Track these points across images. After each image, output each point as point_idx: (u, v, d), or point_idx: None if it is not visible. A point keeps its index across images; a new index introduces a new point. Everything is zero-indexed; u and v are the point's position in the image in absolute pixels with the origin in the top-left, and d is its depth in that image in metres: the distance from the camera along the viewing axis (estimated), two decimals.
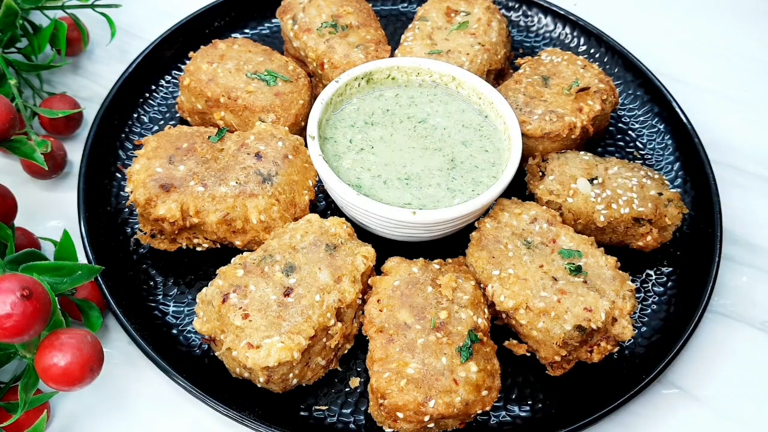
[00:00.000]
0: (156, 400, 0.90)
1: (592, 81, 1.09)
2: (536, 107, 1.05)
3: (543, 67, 1.11)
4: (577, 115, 1.04)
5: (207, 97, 1.06)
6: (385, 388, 0.82)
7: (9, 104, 0.93)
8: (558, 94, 1.07)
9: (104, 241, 0.99)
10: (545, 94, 1.07)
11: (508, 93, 1.07)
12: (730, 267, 1.07)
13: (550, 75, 1.10)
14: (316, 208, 1.07)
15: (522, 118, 1.03)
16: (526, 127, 1.03)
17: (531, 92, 1.07)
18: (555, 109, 1.05)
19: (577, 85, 1.05)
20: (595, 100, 1.05)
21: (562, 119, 1.04)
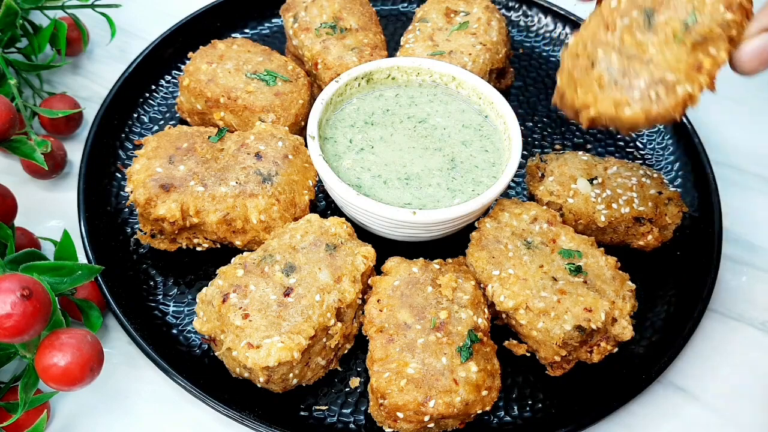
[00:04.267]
0: (156, 400, 0.90)
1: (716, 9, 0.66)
2: (638, 74, 0.67)
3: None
4: (695, 78, 0.66)
5: (207, 98, 1.06)
6: (385, 388, 0.82)
7: (9, 104, 0.93)
8: (666, 40, 0.68)
9: (104, 241, 0.99)
10: (648, 45, 0.68)
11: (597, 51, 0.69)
12: (730, 267, 1.07)
13: (655, 5, 0.69)
14: (316, 208, 1.07)
15: (617, 97, 0.67)
16: (625, 111, 0.67)
17: (629, 46, 0.68)
18: (664, 74, 0.66)
19: (695, 22, 0.65)
20: (719, 44, 0.65)
21: (674, 91, 0.66)
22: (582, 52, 0.66)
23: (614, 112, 0.65)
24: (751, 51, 0.61)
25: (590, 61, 0.65)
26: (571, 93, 0.65)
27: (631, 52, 0.65)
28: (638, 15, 0.67)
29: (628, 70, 0.64)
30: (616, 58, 0.66)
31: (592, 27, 0.67)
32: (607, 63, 0.66)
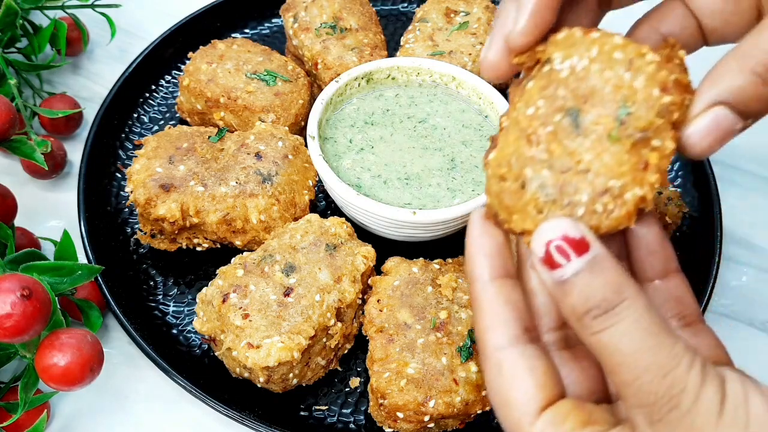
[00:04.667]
0: (156, 400, 0.90)
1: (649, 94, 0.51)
2: (577, 188, 0.52)
3: (562, 89, 0.53)
4: (643, 178, 0.52)
5: (207, 98, 1.06)
6: (385, 388, 0.82)
7: (9, 104, 0.93)
8: (601, 142, 0.52)
9: (104, 241, 0.99)
10: (582, 152, 0.53)
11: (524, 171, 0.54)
12: (730, 267, 1.07)
13: (579, 103, 0.53)
14: (316, 208, 1.07)
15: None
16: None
17: (560, 158, 0.53)
18: (607, 183, 0.52)
19: (628, 114, 0.51)
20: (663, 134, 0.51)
21: (622, 200, 0.52)
22: (508, 174, 0.53)
23: None
24: (701, 131, 0.51)
25: (519, 183, 0.53)
26: (506, 216, 0.54)
27: (563, 164, 0.52)
28: (562, 119, 0.52)
29: (565, 186, 0.52)
30: (548, 175, 0.52)
31: (512, 142, 0.54)
32: (539, 182, 0.53)
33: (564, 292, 0.49)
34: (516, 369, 0.52)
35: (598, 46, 0.52)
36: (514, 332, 0.53)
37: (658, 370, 0.47)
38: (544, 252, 0.49)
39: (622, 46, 0.52)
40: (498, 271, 0.54)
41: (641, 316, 0.48)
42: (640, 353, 0.47)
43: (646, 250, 0.58)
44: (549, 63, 0.53)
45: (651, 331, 0.47)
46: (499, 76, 0.57)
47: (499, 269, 0.55)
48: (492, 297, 0.54)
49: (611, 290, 0.48)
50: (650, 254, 0.58)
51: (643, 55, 0.52)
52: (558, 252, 0.49)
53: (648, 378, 0.47)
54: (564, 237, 0.49)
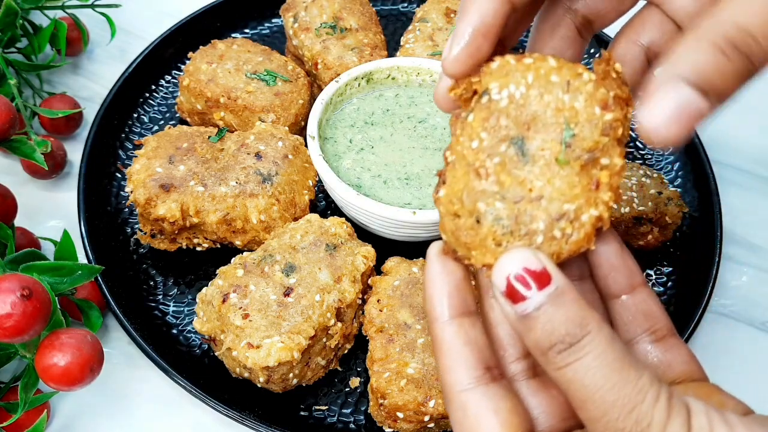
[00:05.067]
0: (156, 400, 0.90)
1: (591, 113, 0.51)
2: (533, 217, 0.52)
3: (503, 119, 0.52)
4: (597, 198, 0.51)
5: (207, 98, 1.06)
6: (385, 388, 0.82)
7: (9, 104, 0.93)
8: (549, 167, 0.52)
9: (104, 241, 0.99)
10: (532, 180, 0.52)
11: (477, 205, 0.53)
12: (730, 267, 1.07)
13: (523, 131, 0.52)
14: (316, 208, 1.07)
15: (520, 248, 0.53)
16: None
17: (511, 188, 0.52)
18: (562, 208, 0.52)
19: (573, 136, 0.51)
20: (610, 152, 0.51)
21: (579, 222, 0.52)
22: (461, 210, 0.53)
23: None
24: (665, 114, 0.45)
25: (474, 218, 0.52)
26: (465, 253, 0.53)
27: (515, 194, 0.52)
28: (508, 148, 0.52)
29: (520, 216, 0.52)
30: (502, 207, 0.52)
31: (461, 177, 0.53)
32: (494, 215, 0.52)
33: (527, 326, 0.48)
34: (480, 410, 0.51)
35: (534, 71, 0.52)
36: (476, 373, 0.52)
37: (624, 406, 0.46)
38: (506, 286, 0.49)
39: (557, 69, 0.52)
40: (457, 309, 0.53)
41: (605, 349, 0.47)
42: (606, 390, 0.46)
43: (608, 267, 0.57)
44: (487, 93, 0.53)
45: (615, 366, 0.47)
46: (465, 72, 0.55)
47: (458, 307, 0.53)
48: (452, 337, 0.53)
49: (574, 324, 0.47)
50: (613, 270, 0.57)
51: (580, 75, 0.51)
52: (519, 285, 0.48)
53: (614, 414, 0.46)
54: (525, 269, 0.48)
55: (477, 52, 0.53)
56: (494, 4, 0.53)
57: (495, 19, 0.53)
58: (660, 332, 0.57)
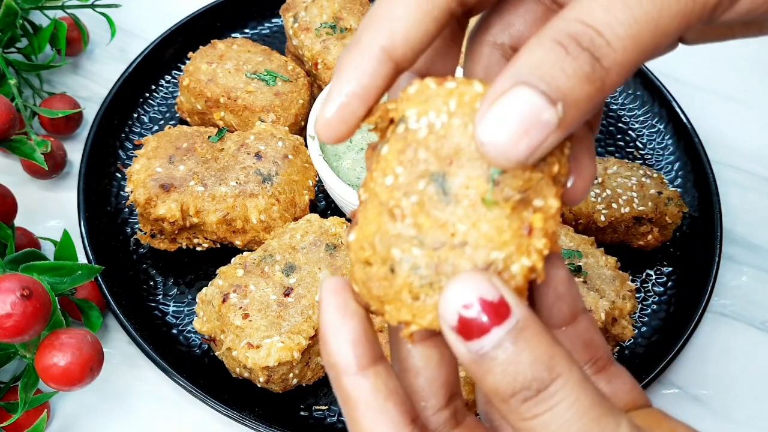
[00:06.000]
0: (156, 400, 0.90)
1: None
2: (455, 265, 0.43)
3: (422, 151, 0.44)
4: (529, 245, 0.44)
5: (207, 98, 1.06)
6: None
7: (9, 104, 0.93)
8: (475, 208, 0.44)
9: (104, 241, 0.99)
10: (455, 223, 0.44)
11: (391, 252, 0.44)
12: (730, 267, 1.07)
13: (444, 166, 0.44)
14: (316, 208, 1.07)
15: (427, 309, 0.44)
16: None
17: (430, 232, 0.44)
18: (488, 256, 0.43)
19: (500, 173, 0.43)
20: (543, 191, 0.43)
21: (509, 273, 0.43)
22: (373, 257, 0.44)
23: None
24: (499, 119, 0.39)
25: (388, 267, 0.44)
26: (378, 307, 0.46)
27: (435, 239, 0.43)
28: (427, 186, 0.44)
29: (441, 265, 0.42)
30: (419, 254, 0.43)
31: (373, 219, 0.45)
32: (410, 263, 0.44)
33: (483, 369, 0.40)
34: None
35: (457, 97, 0.44)
36: (404, 430, 0.43)
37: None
38: (457, 320, 0.40)
39: (483, 94, 0.43)
40: (369, 358, 0.44)
41: (579, 396, 0.39)
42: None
43: (554, 296, 0.49)
44: (403, 122, 0.44)
45: (592, 416, 0.39)
46: (340, 137, 0.46)
47: (368, 356, 0.44)
48: (368, 393, 0.44)
49: (542, 367, 0.39)
50: (558, 299, 0.49)
51: None
52: (473, 319, 0.39)
53: None
54: (480, 299, 0.39)
55: (352, 118, 0.45)
56: (372, 65, 0.44)
57: (374, 81, 0.44)
58: (601, 361, 0.51)
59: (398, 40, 0.43)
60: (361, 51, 0.44)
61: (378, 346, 0.45)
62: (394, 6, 0.43)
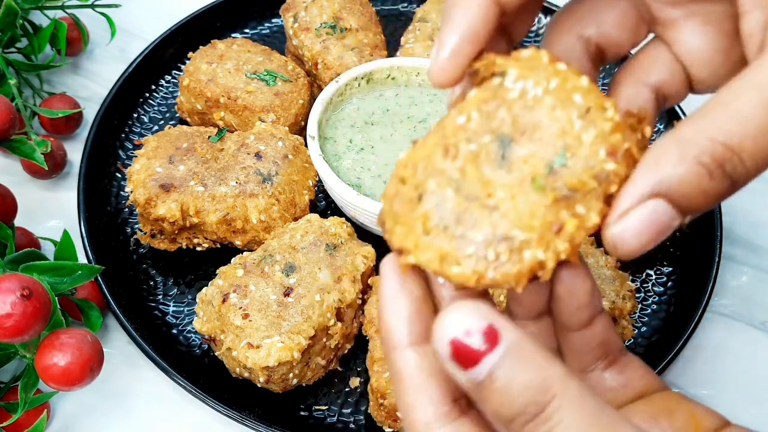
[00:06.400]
0: (156, 400, 0.90)
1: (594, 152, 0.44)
2: (476, 223, 0.44)
3: (504, 110, 0.46)
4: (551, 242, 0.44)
5: (207, 98, 1.06)
6: (385, 388, 0.82)
7: (9, 104, 0.93)
8: (522, 183, 0.45)
9: (104, 241, 0.99)
10: (497, 186, 0.45)
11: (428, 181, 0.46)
12: (730, 267, 1.07)
13: (516, 132, 0.45)
14: (316, 208, 1.07)
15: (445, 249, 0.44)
16: (452, 269, 0.44)
17: (471, 182, 0.45)
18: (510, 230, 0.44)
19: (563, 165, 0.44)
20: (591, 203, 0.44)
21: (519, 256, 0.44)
22: (410, 177, 0.45)
23: (438, 266, 0.44)
24: (635, 227, 0.43)
25: (417, 193, 0.45)
26: (390, 225, 0.45)
27: (472, 190, 0.44)
28: (491, 141, 0.45)
29: (463, 215, 0.44)
30: (451, 196, 0.44)
31: (428, 146, 0.46)
32: (439, 200, 0.44)
33: (482, 396, 0.41)
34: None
35: (560, 79, 0.45)
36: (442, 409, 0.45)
37: None
38: (450, 351, 0.41)
39: (586, 90, 0.45)
40: (418, 335, 0.46)
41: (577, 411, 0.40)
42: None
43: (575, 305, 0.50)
44: (501, 77, 0.46)
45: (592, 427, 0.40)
46: (451, 80, 0.49)
47: (419, 333, 0.46)
48: (414, 369, 0.46)
49: (536, 390, 0.40)
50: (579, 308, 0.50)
51: (605, 109, 0.44)
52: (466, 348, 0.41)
53: None
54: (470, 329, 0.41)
55: (463, 61, 0.48)
56: (481, 9, 0.47)
57: (483, 25, 0.47)
58: (614, 354, 0.53)
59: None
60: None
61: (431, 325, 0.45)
62: None
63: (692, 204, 0.43)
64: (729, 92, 0.42)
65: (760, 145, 0.41)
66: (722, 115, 0.41)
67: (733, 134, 0.41)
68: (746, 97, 0.41)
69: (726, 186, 0.42)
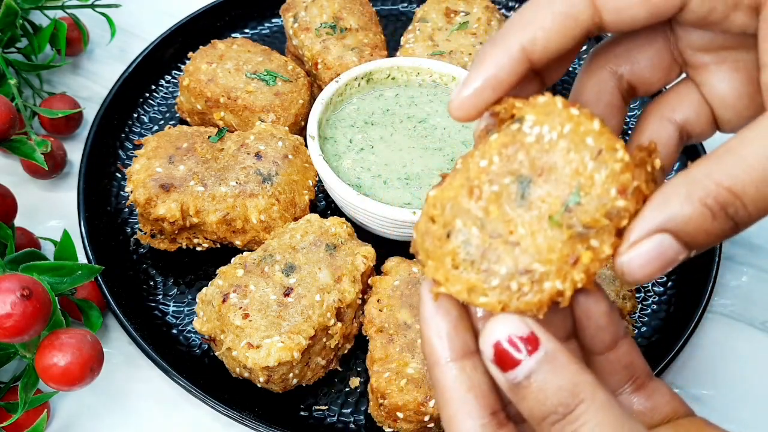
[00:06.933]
0: (156, 400, 0.90)
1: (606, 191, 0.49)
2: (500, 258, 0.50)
3: (522, 153, 0.51)
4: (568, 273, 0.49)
5: (207, 98, 1.06)
6: (385, 388, 0.82)
7: (9, 104, 0.93)
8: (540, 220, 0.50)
9: (104, 241, 0.99)
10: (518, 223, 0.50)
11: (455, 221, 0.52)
12: (730, 267, 1.07)
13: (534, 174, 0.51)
14: (316, 208, 1.07)
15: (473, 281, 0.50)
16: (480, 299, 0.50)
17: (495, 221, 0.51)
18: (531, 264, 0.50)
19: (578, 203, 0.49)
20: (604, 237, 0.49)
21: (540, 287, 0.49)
22: (439, 217, 0.51)
23: (467, 297, 0.50)
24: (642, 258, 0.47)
25: (446, 231, 0.51)
26: (423, 258, 0.51)
27: (496, 228, 0.50)
28: (511, 182, 0.50)
29: (488, 251, 0.50)
30: (476, 234, 0.50)
31: (455, 187, 0.51)
32: (466, 238, 0.50)
33: (519, 395, 0.47)
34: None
35: (574, 124, 0.49)
36: (481, 420, 0.49)
37: None
38: (494, 354, 0.47)
39: (598, 133, 0.49)
40: (457, 351, 0.51)
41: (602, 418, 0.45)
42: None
43: (595, 327, 0.54)
44: (519, 122, 0.51)
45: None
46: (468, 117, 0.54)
47: (458, 350, 0.51)
48: (454, 383, 0.50)
49: (566, 392, 0.45)
50: (599, 330, 0.55)
51: (615, 151, 0.49)
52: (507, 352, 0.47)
53: None
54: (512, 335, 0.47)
55: (482, 103, 0.52)
56: (510, 61, 0.51)
57: (508, 76, 0.51)
58: (640, 379, 0.56)
59: (538, 46, 0.51)
60: (503, 46, 0.51)
61: (471, 344, 0.52)
62: (542, 16, 0.51)
63: (696, 241, 0.47)
64: (739, 139, 0.45)
65: (762, 193, 0.44)
66: (729, 161, 0.45)
67: (737, 180, 0.44)
68: (753, 146, 0.44)
69: (729, 227, 0.46)
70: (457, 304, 0.52)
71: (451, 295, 0.51)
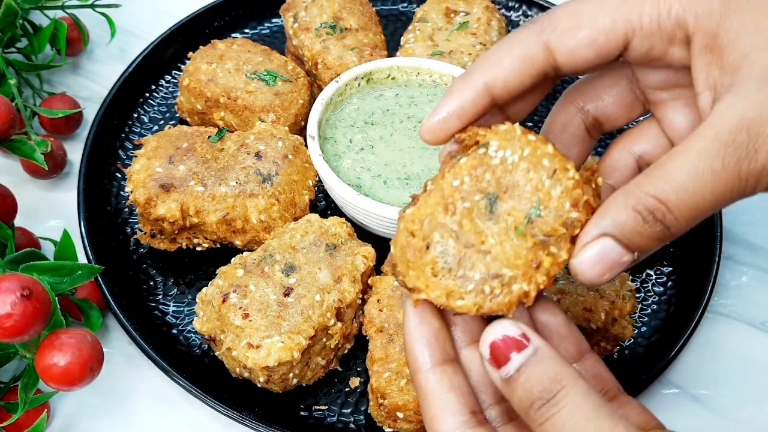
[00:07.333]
0: (156, 400, 0.90)
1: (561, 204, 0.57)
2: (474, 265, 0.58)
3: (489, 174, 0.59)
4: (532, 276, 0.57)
5: (207, 98, 1.06)
6: (385, 388, 0.82)
7: (9, 104, 0.93)
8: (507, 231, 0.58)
9: (104, 241, 0.99)
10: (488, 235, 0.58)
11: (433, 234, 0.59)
12: (730, 267, 1.07)
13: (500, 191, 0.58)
14: (316, 208, 1.07)
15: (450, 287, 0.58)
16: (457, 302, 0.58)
17: (468, 233, 0.58)
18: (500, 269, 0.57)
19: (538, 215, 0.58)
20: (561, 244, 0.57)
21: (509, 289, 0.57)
22: (418, 232, 0.58)
23: (445, 301, 0.57)
24: (589, 260, 0.54)
25: (425, 243, 0.58)
26: (403, 270, 0.58)
27: (469, 240, 0.57)
28: (480, 199, 0.58)
29: (463, 260, 0.57)
30: (452, 245, 0.58)
31: (431, 205, 0.58)
32: (443, 249, 0.58)
33: (511, 389, 0.52)
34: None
35: (532, 148, 0.57)
36: (461, 419, 0.55)
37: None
38: (489, 353, 0.53)
39: (552, 156, 0.57)
40: (438, 358, 0.57)
41: (580, 402, 0.50)
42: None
43: (557, 337, 0.61)
44: (485, 147, 0.58)
45: (590, 416, 0.49)
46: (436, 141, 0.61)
47: (439, 356, 0.57)
48: (435, 386, 0.56)
49: (549, 380, 0.50)
50: (562, 340, 0.61)
51: (567, 170, 0.56)
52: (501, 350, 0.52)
53: None
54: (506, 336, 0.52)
55: (449, 129, 0.60)
56: (474, 94, 0.58)
57: (473, 107, 0.59)
58: (611, 392, 0.61)
59: (499, 83, 0.58)
60: (470, 81, 0.59)
61: (450, 351, 0.58)
62: (503, 57, 0.58)
63: (634, 243, 0.54)
64: (667, 156, 0.53)
65: (681, 199, 0.52)
66: (656, 174, 0.53)
67: (661, 189, 0.52)
68: (676, 161, 0.52)
69: (660, 229, 0.53)
70: (438, 316, 0.59)
71: (431, 301, 0.57)
